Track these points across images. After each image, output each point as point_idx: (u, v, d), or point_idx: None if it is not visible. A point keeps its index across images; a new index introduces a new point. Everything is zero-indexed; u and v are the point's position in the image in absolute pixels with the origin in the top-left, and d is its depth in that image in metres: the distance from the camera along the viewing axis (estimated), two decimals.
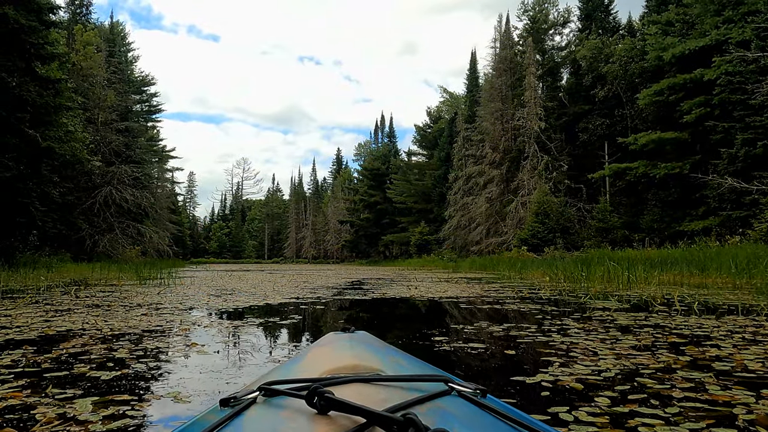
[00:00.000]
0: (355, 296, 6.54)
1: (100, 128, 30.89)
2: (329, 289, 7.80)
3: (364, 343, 1.06)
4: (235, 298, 5.95)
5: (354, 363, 0.85)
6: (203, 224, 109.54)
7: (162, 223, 50.14)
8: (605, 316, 3.93)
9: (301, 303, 5.37)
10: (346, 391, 0.66)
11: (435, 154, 51.32)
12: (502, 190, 35.35)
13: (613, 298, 5.51)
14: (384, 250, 56.14)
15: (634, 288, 7.25)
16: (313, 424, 0.58)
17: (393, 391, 0.70)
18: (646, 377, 1.89)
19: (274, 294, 6.60)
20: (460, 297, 6.20)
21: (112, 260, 24.91)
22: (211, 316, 4.01)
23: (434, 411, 0.63)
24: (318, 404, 0.60)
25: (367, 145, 78.86)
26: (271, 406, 0.68)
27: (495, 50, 38.98)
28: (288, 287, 8.25)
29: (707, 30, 24.09)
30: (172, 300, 5.47)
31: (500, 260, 21.58)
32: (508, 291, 7.16)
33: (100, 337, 2.82)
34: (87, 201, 29.18)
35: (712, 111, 22.93)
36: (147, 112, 52.12)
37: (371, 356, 0.93)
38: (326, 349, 1.03)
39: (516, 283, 9.48)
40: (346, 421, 0.57)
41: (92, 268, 17.03)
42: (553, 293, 6.57)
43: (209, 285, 8.89)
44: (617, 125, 31.08)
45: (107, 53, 35.90)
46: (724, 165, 21.74)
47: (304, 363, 0.96)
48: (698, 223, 22.53)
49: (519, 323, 3.53)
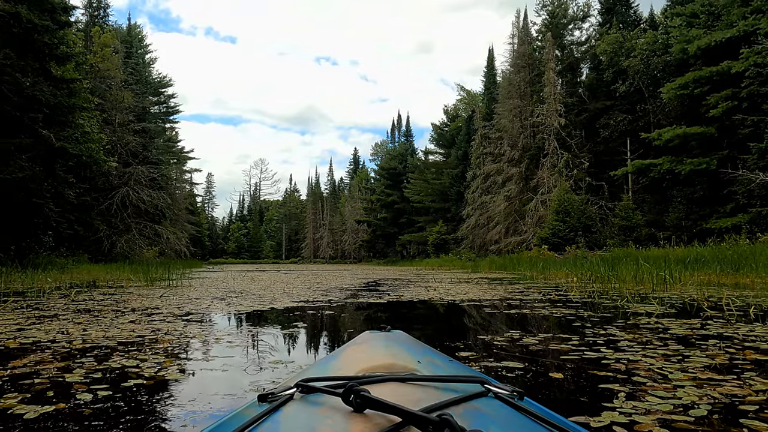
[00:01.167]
0: (369, 299, 6.07)
1: (117, 129, 30.91)
2: (342, 291, 7.37)
3: (400, 342, 1.05)
4: (240, 301, 5.53)
5: (390, 362, 0.84)
6: (221, 225, 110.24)
7: (180, 224, 50.48)
8: (652, 323, 3.44)
9: (309, 307, 4.94)
10: (382, 389, 0.65)
11: (452, 153, 50.73)
12: (521, 188, 34.65)
13: (653, 300, 5.00)
14: (401, 249, 55.71)
15: (671, 289, 6.71)
16: (349, 421, 0.58)
17: (428, 391, 0.69)
18: (753, 418, 1.40)
19: (282, 297, 6.17)
20: (483, 300, 5.70)
21: (129, 261, 24.86)
22: (203, 325, 3.56)
23: (470, 412, 0.62)
24: (354, 402, 0.60)
25: (384, 145, 78.50)
26: (307, 403, 0.68)
27: (513, 46, 38.31)
28: (299, 289, 7.85)
29: (734, 21, 23.35)
30: (172, 304, 5.07)
31: (520, 260, 20.98)
32: (534, 293, 6.66)
33: (64, 353, 2.40)
34: (104, 202, 29.21)
35: (740, 104, 22.18)
36: (165, 114, 52.43)
37: (407, 356, 0.91)
38: (362, 347, 1.02)
39: (540, 284, 8.95)
40: (381, 419, 0.57)
41: (107, 269, 16.90)
42: (583, 295, 6.03)
43: (218, 287, 8.52)
44: (639, 121, 30.26)
45: (124, 55, 36.05)
46: (754, 160, 20.94)
47: (340, 361, 0.95)
48: (726, 221, 21.79)
49: (556, 333, 3.06)
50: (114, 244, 28.96)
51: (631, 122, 30.36)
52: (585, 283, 8.10)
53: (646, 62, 28.94)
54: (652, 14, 35.37)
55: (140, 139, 32.88)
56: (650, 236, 24.00)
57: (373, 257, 61.72)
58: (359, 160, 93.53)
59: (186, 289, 7.57)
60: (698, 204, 24.64)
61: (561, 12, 37.35)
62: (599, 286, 7.27)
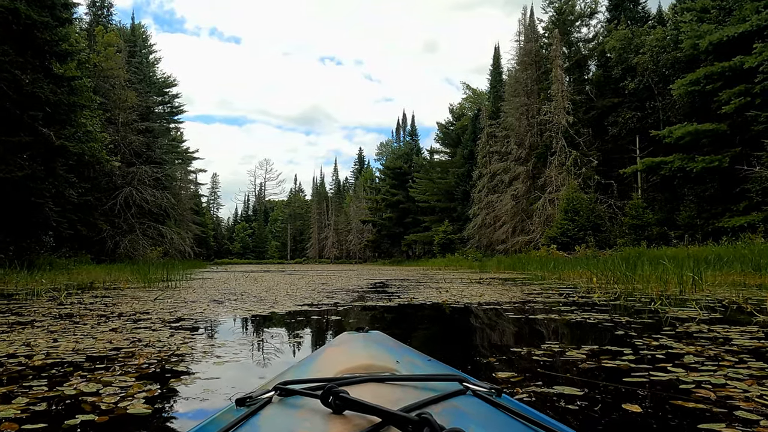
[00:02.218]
0: (379, 302, 5.63)
1: (121, 129, 30.63)
2: (349, 293, 6.96)
3: (378, 342, 1.03)
4: (239, 305, 5.11)
5: (368, 363, 0.84)
6: (227, 225, 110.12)
7: (185, 224, 50.23)
8: (705, 330, 3.02)
9: (313, 312, 4.53)
10: (361, 390, 0.65)
11: (458, 152, 50.26)
12: (528, 187, 34.16)
13: (689, 304, 4.58)
14: (407, 249, 55.29)
15: (698, 290, 6.28)
16: (328, 423, 0.58)
17: (408, 391, 0.69)
18: None
19: (285, 299, 5.76)
20: (502, 303, 5.27)
21: (133, 262, 24.55)
22: (192, 334, 3.12)
23: (449, 410, 0.63)
24: (333, 404, 0.60)
25: (389, 144, 78.13)
26: (286, 406, 0.67)
27: (519, 43, 37.80)
28: (303, 291, 7.44)
29: (747, 15, 22.84)
30: (164, 308, 4.66)
31: (529, 259, 20.52)
32: (554, 295, 6.21)
33: (14, 372, 1.99)
34: (107, 202, 28.94)
35: (753, 100, 21.69)
36: (169, 114, 52.24)
37: (386, 356, 0.91)
38: (341, 348, 1.00)
39: (556, 285, 8.50)
40: (361, 420, 0.57)
41: (108, 269, 16.57)
42: (609, 298, 5.58)
43: (218, 288, 8.12)
44: (648, 118, 29.74)
45: (128, 54, 35.78)
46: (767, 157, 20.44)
47: (318, 363, 0.93)
48: (739, 219, 21.31)
49: (601, 344, 2.63)
50: (117, 245, 28.69)
51: (640, 120, 29.84)
52: (605, 284, 7.65)
53: (656, 59, 28.43)
54: (660, 10, 34.83)
55: (144, 138, 32.59)
56: (662, 235, 23.51)
57: (379, 257, 61.31)
58: (364, 159, 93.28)
59: (184, 291, 7.18)
60: (710, 202, 24.14)
61: (568, 9, 36.83)
62: (621, 287, 6.83)
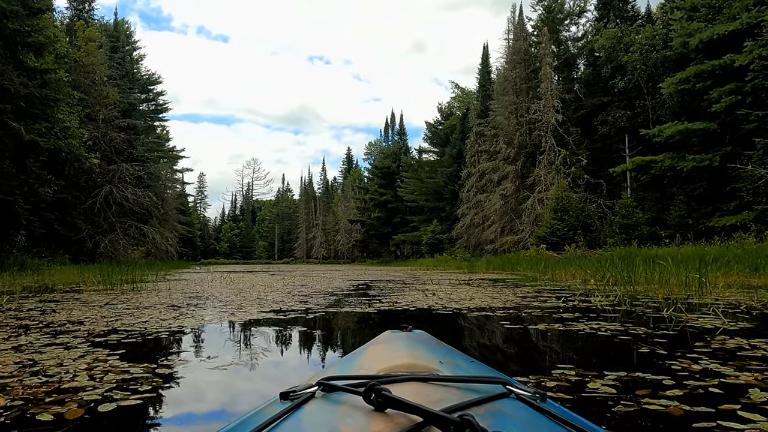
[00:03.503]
0: (357, 307, 5.08)
1: (101, 125, 29.85)
2: (326, 297, 6.45)
3: (421, 341, 1.03)
4: (196, 311, 4.55)
5: (411, 362, 0.83)
6: (213, 225, 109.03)
7: (170, 224, 49.44)
8: (746, 347, 2.54)
9: (279, 320, 4.00)
10: (403, 389, 0.65)
11: (447, 151, 49.91)
12: (517, 186, 33.83)
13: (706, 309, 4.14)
14: (395, 249, 54.85)
15: (706, 293, 5.85)
16: (370, 420, 0.58)
17: (450, 392, 0.68)
18: None
19: (252, 304, 5.21)
20: (494, 308, 4.76)
21: (113, 262, 23.85)
22: (108, 354, 2.47)
23: (492, 413, 0.62)
24: (375, 401, 0.60)
25: (378, 144, 77.59)
26: (329, 401, 0.68)
27: (508, 42, 37.45)
28: (278, 294, 6.92)
29: (737, 13, 22.66)
30: (107, 315, 4.09)
31: (518, 259, 20.14)
32: (550, 298, 5.70)
33: None
34: (87, 200, 28.15)
35: (743, 99, 21.52)
36: (154, 112, 51.40)
37: (428, 355, 0.90)
38: (383, 346, 1.00)
39: (549, 286, 8.03)
40: (402, 419, 0.57)
41: (82, 270, 15.90)
42: (611, 302, 5.10)
43: (186, 290, 7.57)
44: (638, 117, 29.53)
45: (110, 49, 35.00)
46: (759, 156, 20.22)
47: (361, 360, 0.94)
48: (730, 219, 21.13)
49: (629, 368, 2.08)
50: (97, 244, 27.92)
51: (630, 119, 29.62)
52: (602, 286, 7.20)
53: (645, 57, 28.22)
54: (649, 9, 34.70)
55: (125, 135, 31.80)
56: (652, 235, 23.25)
57: (367, 257, 60.82)
58: (352, 159, 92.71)
59: (146, 295, 6.61)
60: (699, 202, 23.95)
61: (557, 7, 36.59)
62: (621, 289, 6.37)
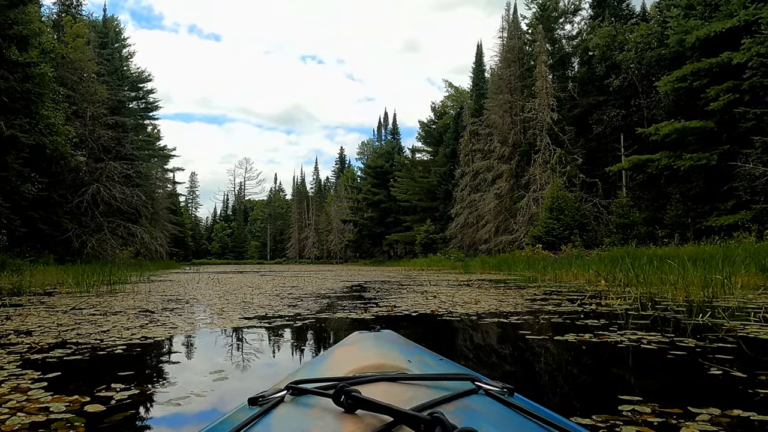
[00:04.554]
0: (351, 312, 4.60)
1: (89, 122, 29.23)
2: (318, 300, 6.02)
3: (390, 341, 1.03)
4: (170, 318, 4.08)
5: (380, 362, 0.84)
6: (205, 225, 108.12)
7: (161, 224, 48.78)
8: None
9: (261, 327, 3.57)
10: (373, 389, 0.65)
11: (440, 151, 49.56)
12: (511, 185, 33.51)
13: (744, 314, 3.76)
14: (388, 249, 54.43)
15: (729, 295, 5.47)
16: (340, 422, 0.58)
17: (419, 390, 0.69)
18: None
19: (235, 309, 4.75)
20: (506, 314, 4.29)
21: (100, 262, 23.29)
22: (46, 375, 2.02)
23: (461, 410, 0.63)
24: (345, 403, 0.60)
25: (371, 144, 77.12)
26: (298, 405, 0.68)
27: (503, 40, 37.12)
28: (265, 296, 6.48)
29: (734, 11, 22.42)
30: (67, 323, 3.63)
31: (514, 259, 19.77)
32: (563, 301, 5.27)
33: None
34: (74, 199, 27.53)
35: (741, 97, 21.28)
36: (144, 110, 50.66)
37: (397, 355, 0.91)
38: (352, 348, 1.00)
39: (555, 287, 7.64)
40: (373, 419, 0.57)
41: (66, 271, 15.34)
42: (631, 305, 4.67)
43: (167, 293, 7.10)
44: (633, 116, 29.28)
45: (98, 44, 34.37)
46: (758, 154, 19.99)
47: (330, 362, 0.93)
48: (728, 218, 20.91)
49: (715, 402, 1.64)
50: (84, 244, 27.30)
51: (625, 118, 29.37)
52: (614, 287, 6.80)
53: (640, 56, 27.98)
54: (644, 8, 34.49)
55: (113, 133, 31.17)
56: (649, 234, 22.99)
57: (360, 257, 60.37)
58: (345, 159, 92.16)
59: (122, 298, 6.15)
60: (696, 201, 23.72)
61: (552, 5, 36.31)
62: (635, 290, 5.97)
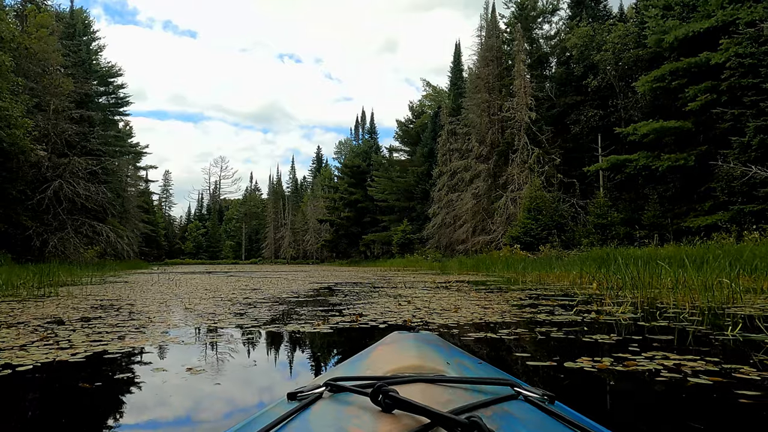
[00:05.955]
0: (307, 323, 3.80)
1: (52, 116, 27.95)
2: (275, 306, 5.32)
3: (429, 343, 1.02)
4: (75, 336, 3.28)
5: (418, 363, 0.82)
6: (179, 224, 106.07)
7: (132, 223, 47.34)
8: None
9: (174, 354, 2.89)
10: (410, 390, 0.64)
11: (418, 150, 49.13)
12: (489, 185, 33.13)
13: None
14: (365, 249, 53.78)
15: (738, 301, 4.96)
16: (377, 421, 0.58)
17: (457, 393, 0.68)
18: None
19: (167, 318, 4.03)
20: (493, 325, 3.60)
21: (61, 262, 22.18)
22: None
23: (499, 415, 0.62)
24: (382, 402, 0.60)
25: (348, 143, 76.48)
26: (336, 402, 0.68)
27: (481, 39, 36.81)
28: (216, 301, 5.75)
29: (712, 11, 22.34)
30: None
31: (492, 260, 19.31)
32: (555, 308, 4.66)
33: None
34: (34, 196, 26.25)
35: (719, 97, 21.18)
36: (113, 105, 49.16)
37: (436, 356, 0.89)
38: (391, 347, 1.00)
39: (538, 289, 7.05)
40: (409, 420, 0.57)
41: (17, 272, 14.38)
42: (635, 313, 4.08)
43: (104, 297, 6.28)
44: (610, 117, 29.16)
45: (63, 35, 33.00)
46: (735, 155, 19.89)
47: (368, 361, 0.94)
48: (705, 219, 20.80)
49: None
50: (46, 243, 26.07)
51: (602, 118, 29.22)
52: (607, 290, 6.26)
53: (618, 56, 27.87)
54: (622, 9, 34.51)
55: (79, 127, 29.89)
56: (627, 235, 22.78)
57: (336, 257, 59.62)
58: (322, 158, 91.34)
59: (48, 303, 5.37)
60: (674, 202, 23.63)
61: (530, 4, 36.13)
62: (630, 294, 5.42)
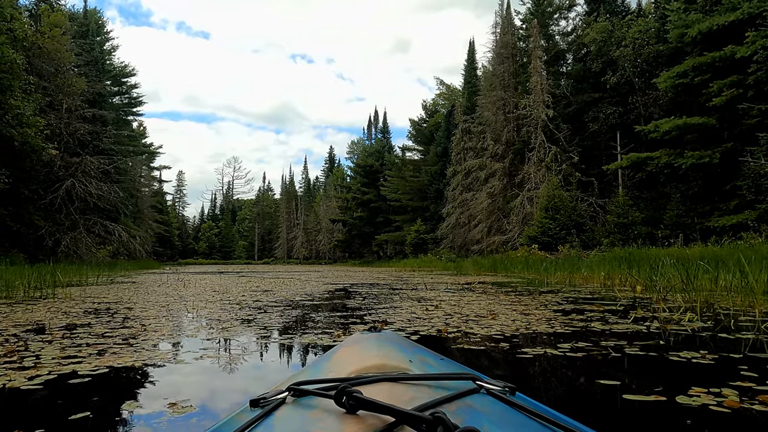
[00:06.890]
0: (323, 333, 3.36)
1: (64, 115, 27.86)
2: (287, 310, 4.89)
3: (391, 342, 1.03)
4: (47, 348, 2.84)
5: (381, 362, 0.84)
6: (192, 224, 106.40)
7: (145, 223, 47.41)
8: None
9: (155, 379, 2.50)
10: (374, 390, 0.65)
11: (431, 149, 48.57)
12: (505, 184, 32.53)
13: None
14: (378, 249, 53.32)
15: None
16: (342, 423, 0.58)
17: (421, 390, 0.69)
18: None
19: (164, 326, 3.64)
20: (547, 337, 3.10)
21: (73, 262, 22.04)
22: None
23: (463, 409, 0.63)
24: (347, 404, 0.60)
25: (360, 143, 76.02)
26: (300, 406, 0.68)
27: (496, 35, 36.22)
28: (223, 304, 5.33)
29: (737, 3, 21.57)
30: None
31: (510, 260, 18.76)
32: (606, 315, 4.15)
33: None
34: (47, 195, 26.16)
35: (745, 92, 20.39)
36: (127, 105, 49.25)
37: (398, 355, 0.90)
38: (353, 348, 0.99)
39: (570, 292, 6.53)
40: (374, 420, 0.57)
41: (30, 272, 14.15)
42: (705, 321, 3.56)
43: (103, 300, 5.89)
44: (629, 114, 28.40)
45: (76, 34, 32.98)
46: (763, 151, 19.14)
47: (331, 363, 0.94)
48: (730, 218, 20.02)
49: None
50: (58, 243, 25.95)
51: (621, 115, 28.48)
52: (653, 293, 5.75)
53: (638, 52, 27.12)
54: (640, 4, 33.69)
55: (91, 126, 29.79)
56: (648, 235, 22.08)
57: (349, 257, 59.26)
58: (335, 158, 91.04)
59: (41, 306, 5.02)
60: (695, 200, 22.85)
61: (546, 1, 35.43)
62: (678, 297, 4.92)
